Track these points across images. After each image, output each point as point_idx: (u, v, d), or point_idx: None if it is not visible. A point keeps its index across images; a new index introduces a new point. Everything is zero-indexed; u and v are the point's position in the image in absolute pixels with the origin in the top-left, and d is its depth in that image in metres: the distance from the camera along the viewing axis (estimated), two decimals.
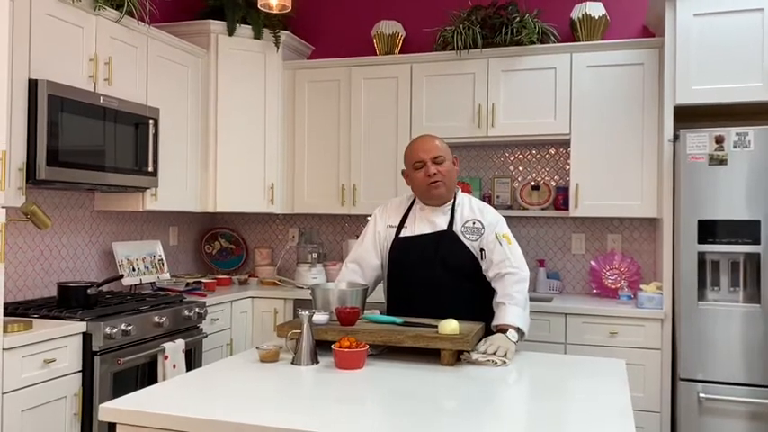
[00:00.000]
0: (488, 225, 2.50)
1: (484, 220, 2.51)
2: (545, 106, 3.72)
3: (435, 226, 2.53)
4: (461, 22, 3.84)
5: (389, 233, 2.61)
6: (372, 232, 2.66)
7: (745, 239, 2.99)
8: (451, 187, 2.56)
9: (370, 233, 2.66)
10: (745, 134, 3.00)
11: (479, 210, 2.56)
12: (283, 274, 4.45)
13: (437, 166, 2.50)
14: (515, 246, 2.52)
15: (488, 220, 2.52)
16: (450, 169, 2.54)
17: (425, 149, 2.52)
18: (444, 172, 2.51)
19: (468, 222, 2.51)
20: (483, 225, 2.50)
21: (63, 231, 3.41)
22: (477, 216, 2.53)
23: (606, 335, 3.33)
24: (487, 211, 2.56)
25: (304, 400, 1.74)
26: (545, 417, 1.62)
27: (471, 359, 2.12)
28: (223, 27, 4.01)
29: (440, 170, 2.50)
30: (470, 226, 2.51)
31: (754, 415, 2.97)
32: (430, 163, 2.50)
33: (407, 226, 2.59)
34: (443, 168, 2.51)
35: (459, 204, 2.56)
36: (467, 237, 2.49)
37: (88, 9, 3.08)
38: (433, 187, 2.51)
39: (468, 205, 2.57)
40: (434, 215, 2.55)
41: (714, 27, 3.17)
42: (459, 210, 2.54)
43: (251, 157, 4.12)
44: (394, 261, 2.59)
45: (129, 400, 1.69)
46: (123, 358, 2.83)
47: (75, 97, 2.93)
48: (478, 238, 2.49)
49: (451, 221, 2.52)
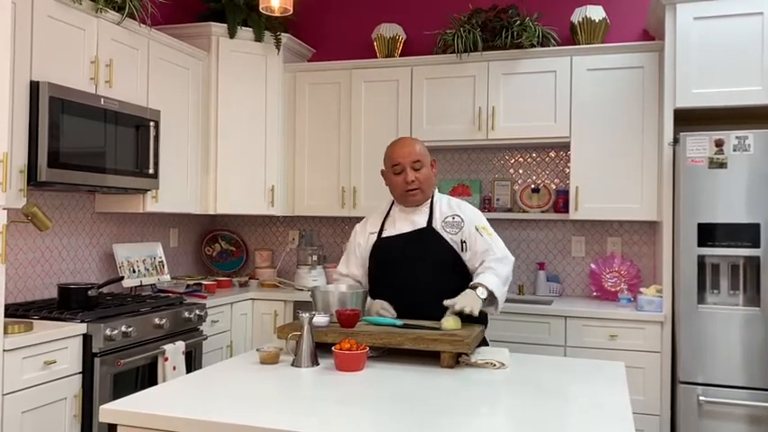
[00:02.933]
0: (467, 218, 2.56)
1: (463, 215, 2.57)
2: (545, 109, 3.72)
3: (415, 224, 2.58)
4: (462, 25, 3.85)
5: (371, 239, 2.65)
6: (353, 247, 2.71)
7: (745, 243, 3.00)
8: (428, 192, 2.61)
9: (351, 250, 2.72)
10: (744, 137, 3.01)
11: (457, 205, 2.62)
12: (283, 276, 4.45)
13: (415, 173, 2.54)
14: (496, 236, 2.58)
15: (467, 214, 2.58)
16: (428, 174, 2.59)
17: (404, 154, 2.56)
18: (422, 178, 2.55)
19: (447, 218, 2.56)
20: (462, 219, 2.55)
21: (64, 233, 3.41)
22: (456, 211, 2.58)
23: (606, 338, 3.33)
24: (465, 207, 2.63)
25: (304, 402, 1.74)
26: (544, 419, 1.62)
27: (471, 362, 2.12)
28: (224, 29, 4.02)
29: (417, 177, 2.54)
30: (450, 220, 2.55)
31: (754, 418, 2.96)
32: (408, 169, 2.54)
33: (387, 228, 2.63)
34: (421, 175, 2.55)
35: (436, 202, 2.61)
36: (447, 231, 2.54)
37: (89, 11, 3.08)
38: (411, 194, 2.57)
39: (445, 202, 2.63)
40: (413, 214, 2.60)
41: (714, 31, 3.17)
42: (437, 207, 2.60)
43: (251, 158, 4.13)
44: (377, 261, 2.62)
45: (129, 402, 1.69)
46: (123, 360, 2.83)
47: (76, 99, 2.94)
48: (458, 231, 2.53)
49: (430, 218, 2.56)
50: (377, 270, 2.63)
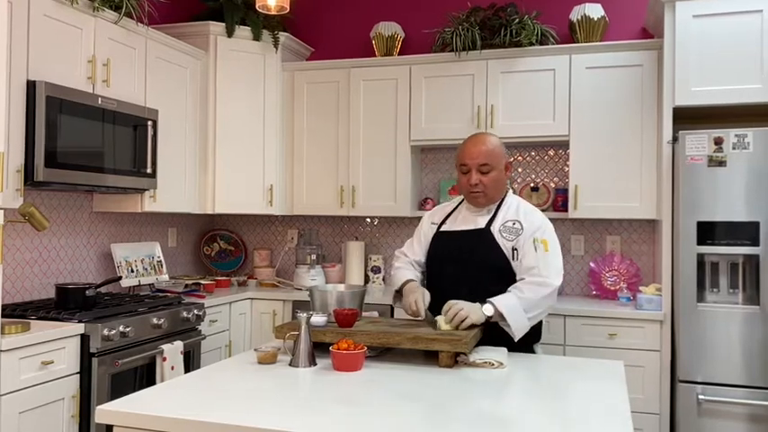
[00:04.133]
0: (528, 227, 2.43)
1: (525, 222, 2.45)
2: (544, 108, 3.72)
3: (476, 224, 2.51)
4: (460, 23, 3.84)
5: (431, 230, 2.63)
6: (419, 232, 2.69)
7: (744, 241, 2.99)
8: (494, 196, 2.50)
9: (417, 234, 2.70)
10: (744, 135, 3.00)
11: (525, 212, 2.49)
12: (282, 275, 4.45)
13: (481, 176, 2.44)
14: (553, 254, 2.40)
15: (530, 222, 2.45)
16: (497, 178, 2.47)
17: (472, 155, 2.46)
18: (487, 182, 2.45)
19: (507, 222, 2.46)
20: (522, 226, 2.44)
21: (61, 233, 3.41)
22: (520, 218, 2.47)
23: (605, 336, 3.32)
24: (533, 215, 2.49)
25: (302, 402, 1.73)
26: (543, 418, 1.61)
27: (469, 361, 2.12)
28: (222, 28, 4.01)
29: (482, 180, 2.44)
30: (510, 226, 2.45)
31: (754, 417, 2.96)
32: (474, 171, 2.45)
33: (449, 222, 2.60)
34: (487, 179, 2.45)
35: (505, 204, 2.52)
36: (503, 236, 2.44)
37: (87, 10, 3.08)
38: (473, 197, 2.49)
39: (514, 207, 2.52)
40: (478, 214, 2.53)
41: (713, 28, 3.16)
42: (503, 210, 2.50)
43: (250, 158, 4.12)
44: (430, 256, 2.61)
45: (126, 402, 1.69)
46: (121, 360, 2.83)
47: (73, 98, 2.93)
48: (515, 238, 2.42)
49: (491, 220, 2.48)
50: (430, 262, 2.61)
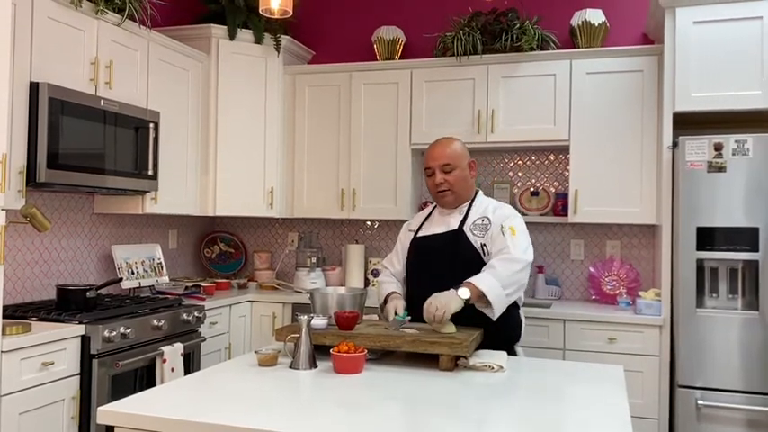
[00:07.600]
0: (496, 220, 2.49)
1: (493, 216, 2.50)
2: (544, 112, 3.73)
3: (449, 226, 2.57)
4: (461, 28, 3.86)
5: (408, 237, 2.69)
6: (398, 241, 2.79)
7: (744, 246, 3.00)
8: (462, 194, 2.57)
9: (397, 245, 2.78)
10: (743, 141, 3.01)
11: (494, 208, 2.56)
12: (282, 278, 4.45)
13: (444, 175, 2.53)
14: (520, 236, 2.44)
15: (498, 216, 2.50)
16: (461, 177, 2.55)
17: (435, 156, 2.56)
18: (452, 181, 2.53)
19: (477, 220, 2.52)
20: (491, 221, 2.49)
21: (62, 234, 3.41)
22: (489, 214, 2.52)
23: (605, 341, 3.33)
24: (502, 210, 2.55)
25: (302, 405, 1.74)
26: (542, 423, 1.62)
27: (469, 364, 2.12)
28: (224, 31, 4.02)
29: (447, 179, 2.53)
30: (479, 223, 2.51)
31: (752, 422, 2.96)
32: (438, 171, 2.54)
33: (424, 228, 2.66)
34: (451, 177, 2.53)
35: (475, 204, 2.59)
36: (474, 233, 2.50)
37: (90, 13, 3.09)
38: (440, 196, 2.57)
39: (484, 205, 2.58)
40: (450, 216, 2.60)
41: (714, 35, 3.17)
42: (474, 209, 2.57)
43: (251, 160, 4.13)
44: (409, 262, 2.65)
45: (126, 404, 1.69)
46: (121, 361, 2.83)
47: (75, 100, 2.94)
48: (484, 234, 2.49)
49: (464, 220, 2.54)
50: (409, 268, 2.65)
